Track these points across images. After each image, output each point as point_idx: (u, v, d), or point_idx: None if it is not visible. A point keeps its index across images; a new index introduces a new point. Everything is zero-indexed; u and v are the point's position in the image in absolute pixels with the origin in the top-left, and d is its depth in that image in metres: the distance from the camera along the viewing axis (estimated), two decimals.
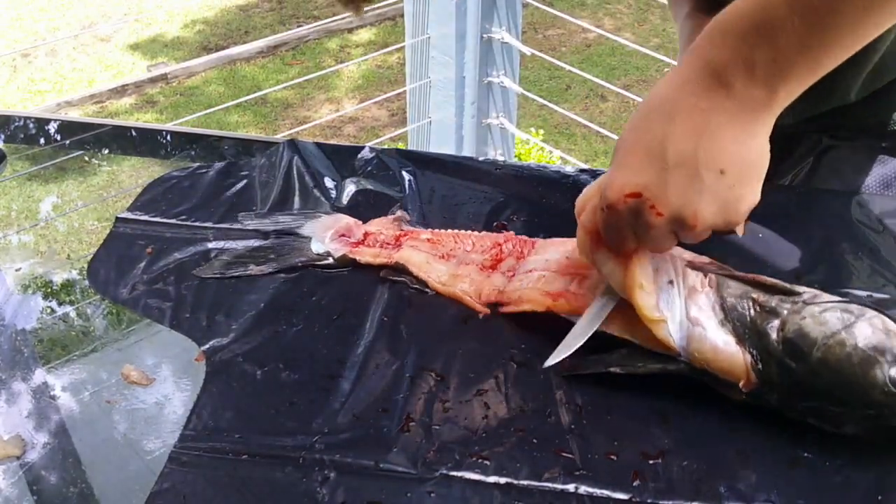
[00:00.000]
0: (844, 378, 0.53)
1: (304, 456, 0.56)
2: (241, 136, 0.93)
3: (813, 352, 0.53)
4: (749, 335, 0.56)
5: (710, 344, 0.57)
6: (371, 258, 0.72)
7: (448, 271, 0.70)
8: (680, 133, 0.52)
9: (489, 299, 0.68)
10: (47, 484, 0.56)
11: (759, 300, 0.56)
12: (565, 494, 0.53)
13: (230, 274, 0.72)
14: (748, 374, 0.56)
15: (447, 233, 0.74)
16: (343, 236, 0.75)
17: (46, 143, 0.93)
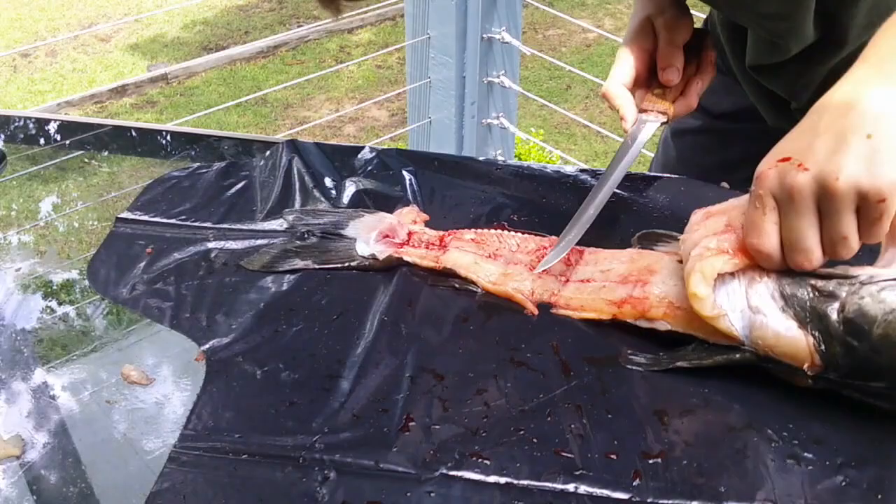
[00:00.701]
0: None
1: (304, 456, 0.56)
2: (241, 136, 0.93)
3: (874, 329, 0.55)
4: (810, 319, 0.57)
5: (773, 330, 0.58)
6: (418, 259, 0.73)
7: (498, 271, 0.71)
8: (833, 107, 0.56)
9: (541, 299, 0.69)
10: (47, 484, 0.56)
11: (817, 285, 0.57)
12: (565, 494, 0.53)
13: (278, 268, 0.73)
14: (812, 357, 0.57)
15: (490, 233, 0.75)
16: (387, 237, 0.75)
17: (46, 143, 0.93)
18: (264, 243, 0.76)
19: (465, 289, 0.71)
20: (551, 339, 0.65)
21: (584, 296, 0.68)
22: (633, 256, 0.70)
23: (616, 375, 0.62)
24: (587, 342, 0.65)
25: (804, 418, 0.58)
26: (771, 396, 0.59)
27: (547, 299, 0.69)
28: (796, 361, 0.58)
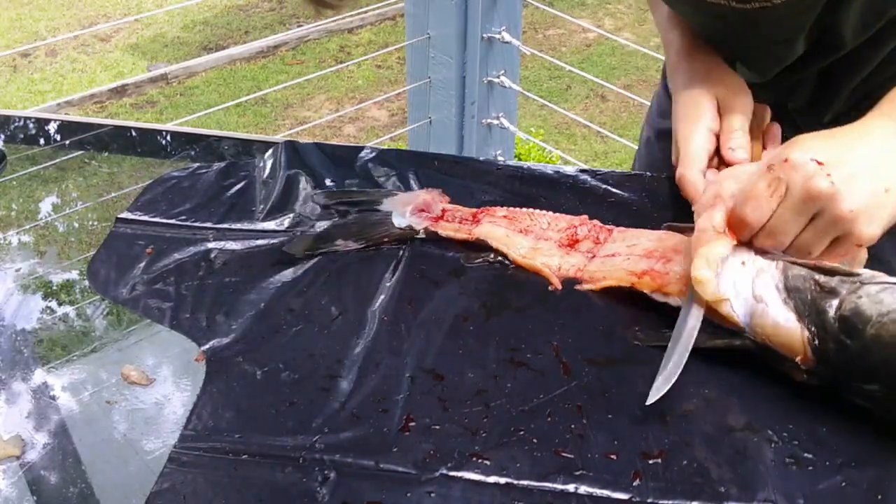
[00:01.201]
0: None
1: (304, 456, 0.56)
2: (241, 136, 0.93)
3: (867, 328, 0.55)
4: (808, 312, 0.58)
5: (772, 320, 0.59)
6: (452, 232, 0.76)
7: (528, 245, 0.74)
8: (870, 151, 0.60)
9: (567, 275, 0.71)
10: (47, 484, 0.56)
11: (820, 281, 0.58)
12: (565, 494, 0.53)
13: (320, 250, 0.75)
14: (805, 350, 0.57)
15: (522, 211, 0.77)
16: (422, 211, 0.78)
17: (46, 143, 0.93)
18: (264, 243, 0.76)
19: (497, 262, 0.74)
20: (551, 339, 0.65)
21: (608, 268, 0.70)
22: (661, 236, 0.72)
23: (616, 375, 0.62)
24: (587, 342, 0.65)
25: (804, 418, 0.58)
26: (771, 396, 0.59)
27: (573, 275, 0.71)
28: (791, 353, 0.58)
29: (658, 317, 0.68)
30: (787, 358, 0.58)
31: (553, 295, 0.70)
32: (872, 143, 0.62)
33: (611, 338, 0.66)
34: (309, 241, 0.75)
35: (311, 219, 0.79)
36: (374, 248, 0.75)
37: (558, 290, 0.70)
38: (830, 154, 0.59)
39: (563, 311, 0.69)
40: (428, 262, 0.73)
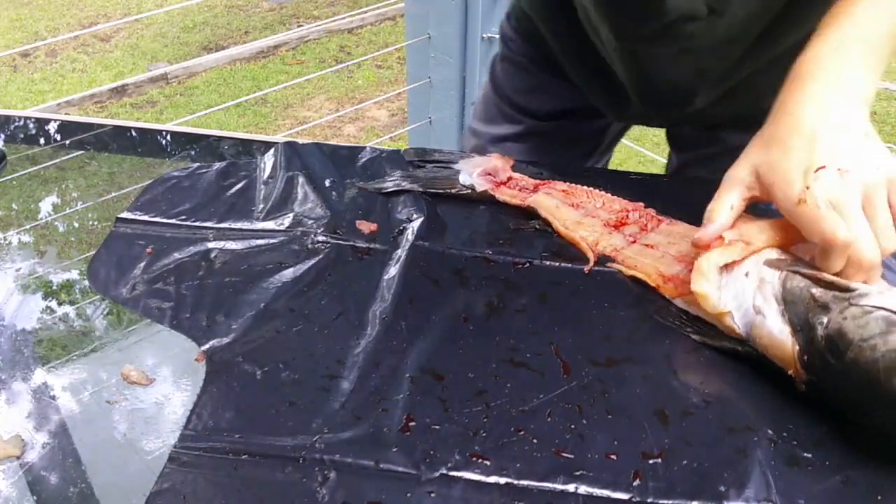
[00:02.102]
0: (871, 381, 0.53)
1: (304, 456, 0.56)
2: (241, 136, 0.93)
3: (847, 352, 0.54)
4: (801, 327, 0.57)
5: (768, 331, 0.59)
6: (508, 198, 0.81)
7: (574, 218, 0.77)
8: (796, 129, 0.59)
9: (603, 252, 0.74)
10: (47, 484, 0.56)
11: (816, 295, 0.58)
12: (565, 494, 0.53)
13: (387, 189, 0.82)
14: (795, 364, 0.57)
15: (582, 188, 0.80)
16: (489, 175, 0.83)
17: (46, 143, 0.93)
18: (264, 243, 0.76)
19: (543, 229, 0.77)
20: (551, 339, 0.65)
21: (642, 258, 0.71)
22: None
23: (616, 375, 0.62)
24: (587, 342, 0.65)
25: (804, 418, 0.58)
26: (771, 396, 0.59)
27: (609, 253, 0.73)
28: (785, 366, 0.58)
29: (659, 319, 0.68)
30: (783, 369, 0.59)
31: (553, 295, 0.70)
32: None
33: (611, 338, 0.66)
34: (383, 182, 0.83)
35: (311, 219, 0.79)
36: (437, 195, 0.82)
37: (588, 270, 0.72)
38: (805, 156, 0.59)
39: (563, 311, 0.69)
40: (428, 262, 0.73)
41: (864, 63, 0.60)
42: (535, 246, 0.76)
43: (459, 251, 0.75)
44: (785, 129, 0.60)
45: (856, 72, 0.60)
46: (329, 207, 0.80)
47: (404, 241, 0.76)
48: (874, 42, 0.60)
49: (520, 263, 0.74)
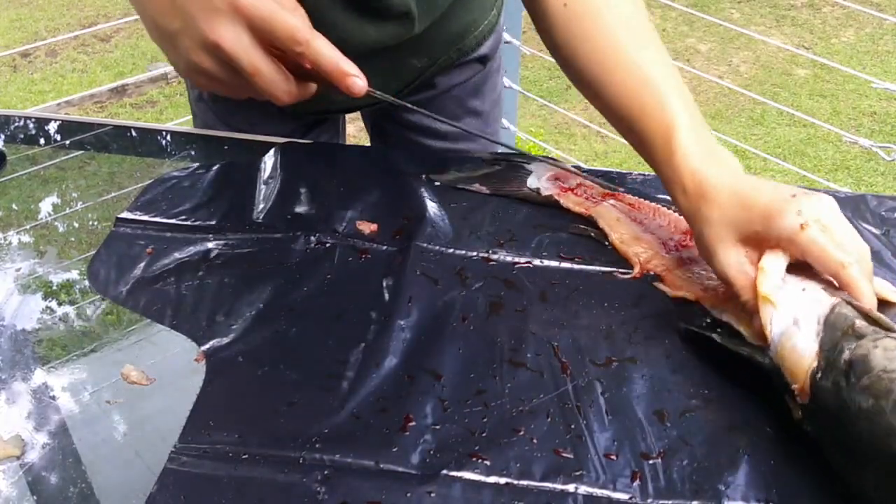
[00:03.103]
0: (876, 414, 0.50)
1: (304, 456, 0.56)
2: (241, 136, 0.93)
3: (863, 377, 0.52)
4: (828, 347, 0.55)
5: (794, 343, 0.57)
6: (572, 205, 0.80)
7: (633, 233, 0.75)
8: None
9: (653, 270, 0.72)
10: (47, 484, 0.56)
11: (856, 325, 0.55)
12: (565, 494, 0.53)
13: (459, 185, 0.83)
14: (804, 381, 0.55)
15: (649, 204, 0.79)
16: (557, 179, 0.82)
17: (46, 143, 0.93)
18: (264, 243, 0.76)
19: (598, 238, 0.76)
20: (551, 340, 0.65)
21: (688, 276, 0.70)
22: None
23: (616, 375, 0.62)
24: (587, 342, 0.65)
25: None
26: (771, 396, 0.59)
27: (658, 272, 0.72)
28: (793, 379, 0.56)
29: (659, 318, 0.68)
30: (788, 386, 0.57)
31: (553, 295, 0.70)
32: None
33: (611, 338, 0.66)
34: (454, 176, 0.83)
35: (311, 219, 0.79)
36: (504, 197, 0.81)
37: (634, 278, 0.71)
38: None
39: (563, 311, 0.69)
40: (428, 262, 0.73)
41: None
42: (537, 245, 0.76)
43: (459, 251, 0.75)
44: (727, 196, 0.63)
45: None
46: (329, 207, 0.80)
47: (404, 241, 0.76)
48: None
49: (520, 263, 0.74)
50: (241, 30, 0.56)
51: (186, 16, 0.56)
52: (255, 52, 0.57)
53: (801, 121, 2.74)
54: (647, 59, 0.71)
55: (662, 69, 0.70)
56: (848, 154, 2.84)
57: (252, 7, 0.56)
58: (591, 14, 0.73)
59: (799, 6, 4.01)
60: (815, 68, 3.40)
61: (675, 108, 0.68)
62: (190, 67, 0.59)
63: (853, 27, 3.80)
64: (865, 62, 3.50)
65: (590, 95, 0.76)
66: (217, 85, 0.60)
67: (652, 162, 0.71)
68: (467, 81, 1.00)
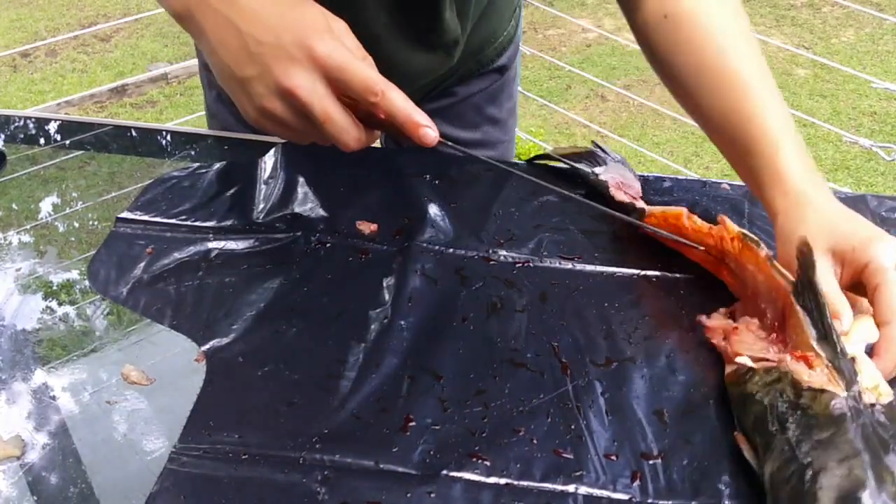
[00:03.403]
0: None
1: (304, 456, 0.56)
2: (241, 136, 0.93)
3: (798, 455, 0.50)
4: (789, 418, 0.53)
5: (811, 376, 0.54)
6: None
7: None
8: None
9: (718, 344, 0.64)
10: (47, 484, 0.56)
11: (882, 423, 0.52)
12: (565, 495, 0.53)
13: (567, 162, 0.84)
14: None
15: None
16: (620, 185, 0.80)
17: (46, 143, 0.93)
18: (264, 243, 0.76)
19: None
20: (551, 340, 0.65)
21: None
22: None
23: (616, 375, 0.62)
24: (587, 342, 0.65)
25: None
26: None
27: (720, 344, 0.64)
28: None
29: (659, 318, 0.68)
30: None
31: (553, 295, 0.70)
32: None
33: (611, 338, 0.66)
34: (569, 150, 0.84)
35: (311, 219, 0.79)
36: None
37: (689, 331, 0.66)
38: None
39: (563, 311, 0.69)
40: (428, 262, 0.73)
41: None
42: (537, 245, 0.76)
43: (459, 251, 0.75)
44: (830, 206, 0.65)
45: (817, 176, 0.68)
46: (329, 207, 0.80)
47: (404, 240, 0.76)
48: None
49: (520, 263, 0.74)
50: (316, 78, 0.56)
51: (262, 64, 0.56)
52: (329, 100, 0.57)
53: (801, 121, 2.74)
54: (749, 69, 0.71)
55: (763, 81, 0.70)
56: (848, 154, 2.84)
57: (328, 57, 0.56)
58: (690, 24, 0.73)
59: (799, 6, 4.01)
60: (815, 68, 3.40)
61: (780, 123, 0.68)
62: (261, 113, 0.58)
63: (853, 27, 3.80)
64: (865, 62, 3.50)
65: (689, 106, 0.76)
66: (285, 130, 0.60)
67: (751, 169, 0.69)
68: (486, 90, 1.00)
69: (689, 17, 0.74)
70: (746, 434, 0.56)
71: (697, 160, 2.81)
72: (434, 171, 0.85)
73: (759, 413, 0.54)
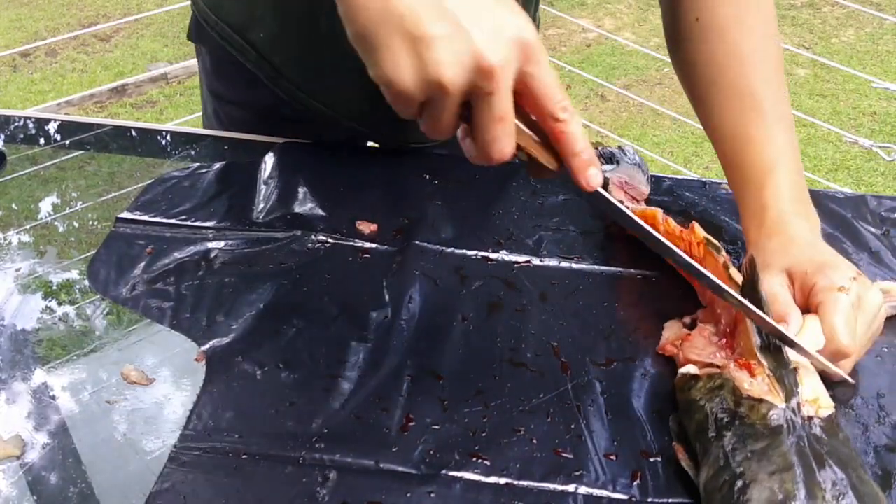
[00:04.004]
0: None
1: (304, 456, 0.56)
2: (241, 136, 0.93)
3: (733, 465, 0.50)
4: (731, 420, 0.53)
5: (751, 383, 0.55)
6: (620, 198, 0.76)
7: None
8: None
9: (668, 350, 0.65)
10: (47, 484, 0.56)
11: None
12: (565, 494, 0.53)
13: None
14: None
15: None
16: (625, 186, 0.79)
17: (46, 143, 0.93)
18: (264, 243, 0.76)
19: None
20: (551, 340, 0.66)
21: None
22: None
23: (616, 375, 0.62)
24: (587, 342, 0.65)
25: None
26: None
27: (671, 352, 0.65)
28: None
29: (659, 319, 0.68)
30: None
31: (553, 295, 0.70)
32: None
33: (611, 338, 0.66)
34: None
35: (311, 219, 0.79)
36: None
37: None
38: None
39: (563, 311, 0.69)
40: (428, 262, 0.73)
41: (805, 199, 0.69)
42: (537, 245, 0.76)
43: (459, 251, 0.75)
44: (797, 244, 0.65)
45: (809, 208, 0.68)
46: (329, 207, 0.80)
47: (404, 241, 0.76)
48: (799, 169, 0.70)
49: (520, 263, 0.74)
50: (515, 67, 0.47)
51: (459, 27, 0.45)
52: (511, 98, 0.47)
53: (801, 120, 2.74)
54: (763, 94, 0.70)
55: (776, 107, 0.70)
56: (848, 154, 2.84)
57: (537, 49, 0.47)
58: (718, 37, 0.73)
59: (799, 6, 4.01)
60: (815, 68, 3.40)
61: (777, 152, 0.68)
62: (423, 83, 0.46)
63: (853, 27, 3.80)
64: (865, 62, 3.49)
65: (698, 112, 0.76)
66: (417, 110, 0.48)
67: (738, 192, 0.71)
68: None
69: (720, 29, 0.73)
70: (689, 441, 0.56)
71: (697, 160, 2.81)
72: (434, 171, 0.85)
73: (700, 420, 0.54)
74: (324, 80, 0.85)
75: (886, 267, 0.73)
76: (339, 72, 0.82)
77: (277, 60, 0.85)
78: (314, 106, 0.87)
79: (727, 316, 0.62)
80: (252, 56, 0.86)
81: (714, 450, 0.52)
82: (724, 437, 0.52)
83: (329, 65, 0.82)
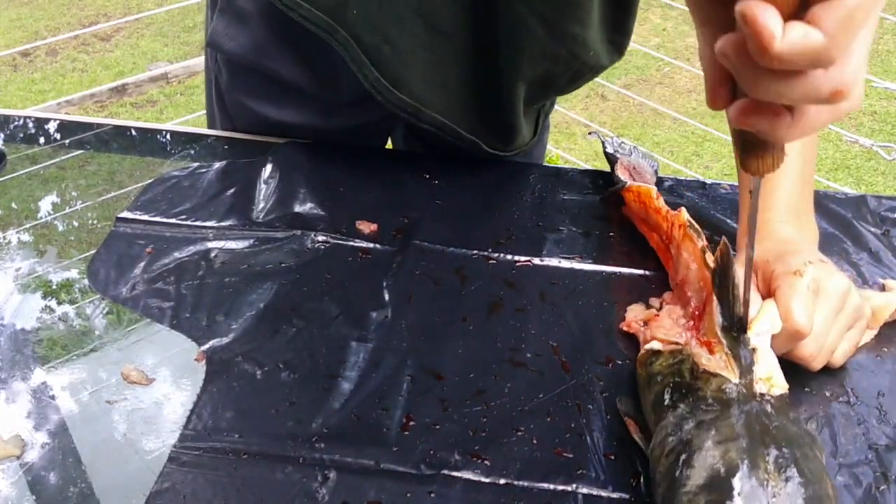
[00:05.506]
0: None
1: (304, 456, 0.56)
2: (241, 136, 0.93)
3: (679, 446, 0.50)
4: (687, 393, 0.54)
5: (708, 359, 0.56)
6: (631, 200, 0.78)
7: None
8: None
9: (633, 327, 0.66)
10: (47, 484, 0.56)
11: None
12: (565, 494, 0.53)
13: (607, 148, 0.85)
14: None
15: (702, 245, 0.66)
16: (634, 172, 0.82)
17: (46, 142, 0.93)
18: (264, 243, 0.76)
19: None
20: (551, 339, 0.66)
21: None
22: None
23: (616, 375, 0.62)
24: (587, 342, 0.65)
25: (802, 417, 0.58)
26: None
27: (637, 326, 0.66)
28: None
29: None
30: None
31: (553, 295, 0.70)
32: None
33: (611, 338, 0.66)
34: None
35: (311, 219, 0.79)
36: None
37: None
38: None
39: (563, 311, 0.69)
40: (428, 261, 0.73)
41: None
42: (538, 245, 0.76)
43: (459, 251, 0.75)
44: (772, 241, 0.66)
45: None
46: (329, 207, 0.80)
47: (404, 241, 0.76)
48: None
49: (520, 263, 0.74)
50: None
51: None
52: None
53: None
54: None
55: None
56: (848, 153, 2.84)
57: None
58: None
59: None
60: None
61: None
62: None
63: None
64: None
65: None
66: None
67: (741, 190, 0.73)
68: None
69: None
70: (643, 417, 0.57)
71: (697, 160, 2.80)
72: (434, 171, 0.86)
73: (658, 392, 0.55)
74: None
75: (886, 267, 0.73)
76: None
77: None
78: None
79: (697, 299, 0.62)
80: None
81: (666, 417, 0.53)
82: (678, 408, 0.53)
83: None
